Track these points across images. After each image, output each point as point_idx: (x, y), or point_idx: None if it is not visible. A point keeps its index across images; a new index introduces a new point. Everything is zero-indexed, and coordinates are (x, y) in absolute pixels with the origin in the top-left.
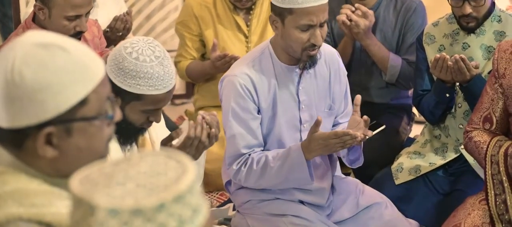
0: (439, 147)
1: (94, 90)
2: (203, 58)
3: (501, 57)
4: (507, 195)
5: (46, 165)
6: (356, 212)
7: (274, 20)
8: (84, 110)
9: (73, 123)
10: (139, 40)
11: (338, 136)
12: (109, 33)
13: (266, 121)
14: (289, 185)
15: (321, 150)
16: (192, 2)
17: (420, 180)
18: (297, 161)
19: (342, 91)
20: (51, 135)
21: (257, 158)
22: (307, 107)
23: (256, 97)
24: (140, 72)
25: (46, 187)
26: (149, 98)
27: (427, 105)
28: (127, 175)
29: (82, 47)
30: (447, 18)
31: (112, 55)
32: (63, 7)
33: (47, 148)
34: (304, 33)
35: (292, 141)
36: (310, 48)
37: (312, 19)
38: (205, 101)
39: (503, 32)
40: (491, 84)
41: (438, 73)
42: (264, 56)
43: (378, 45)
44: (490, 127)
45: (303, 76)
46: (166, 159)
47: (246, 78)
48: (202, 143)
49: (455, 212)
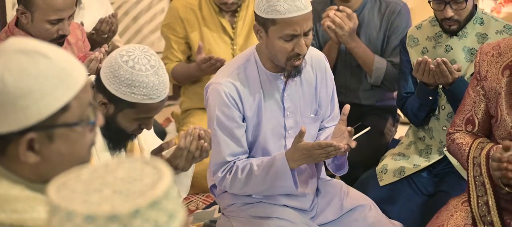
0: (423, 149)
1: (76, 97)
2: (189, 60)
3: (483, 60)
4: (489, 197)
5: (28, 171)
6: (340, 215)
7: (258, 29)
8: (66, 116)
9: (55, 129)
10: (135, 48)
11: (322, 147)
12: (94, 35)
13: (251, 128)
14: (274, 192)
15: (305, 160)
16: (177, 5)
17: (404, 182)
18: (282, 169)
19: (328, 95)
20: (33, 141)
21: (241, 166)
22: (292, 114)
23: (241, 105)
24: (136, 81)
25: (28, 193)
26: (142, 107)
27: (411, 108)
28: (104, 181)
29: (63, 54)
30: (430, 21)
31: (107, 62)
32: (45, 11)
33: (29, 153)
34: (288, 43)
35: (276, 148)
36: (294, 58)
37: (296, 29)
38: (191, 103)
39: (485, 35)
40: (473, 87)
41: (421, 76)
42: (250, 64)
43: (363, 47)
44: (472, 129)
45: (288, 83)
46: (142, 165)
47: (231, 86)
48: (191, 153)
49: (438, 213)
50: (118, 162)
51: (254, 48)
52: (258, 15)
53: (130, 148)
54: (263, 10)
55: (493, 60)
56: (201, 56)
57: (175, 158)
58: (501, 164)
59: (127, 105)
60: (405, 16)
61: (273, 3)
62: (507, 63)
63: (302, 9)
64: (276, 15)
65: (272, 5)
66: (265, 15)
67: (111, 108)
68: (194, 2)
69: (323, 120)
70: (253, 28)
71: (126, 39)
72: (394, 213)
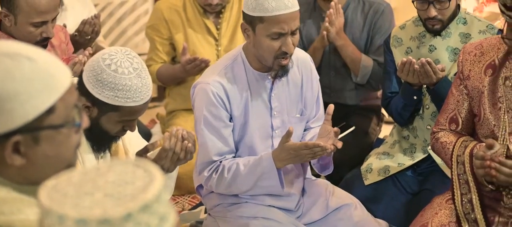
0: (408, 148)
1: (61, 99)
2: (174, 61)
3: (466, 59)
4: (472, 195)
5: (14, 173)
6: (326, 214)
7: (245, 28)
8: (51, 118)
9: (41, 131)
10: (117, 51)
11: (309, 147)
12: (77, 37)
13: (238, 128)
14: (260, 192)
15: (292, 160)
16: (162, 6)
17: (389, 180)
18: (268, 169)
19: (314, 96)
20: (19, 143)
21: (228, 165)
22: (279, 114)
23: (228, 105)
24: (119, 85)
25: (15, 195)
26: (126, 110)
27: (396, 108)
28: (95, 185)
29: (48, 56)
30: (413, 21)
31: (90, 66)
32: (29, 13)
33: (15, 156)
34: (275, 41)
35: (263, 147)
36: (281, 57)
37: (283, 27)
38: (176, 104)
39: (468, 34)
40: (456, 86)
41: (405, 76)
42: (237, 63)
43: (352, 46)
44: (456, 127)
45: (276, 83)
46: (134, 168)
47: (218, 86)
48: (176, 154)
49: (423, 211)
50: (109, 165)
51: (241, 48)
52: (245, 14)
53: (114, 149)
54: (251, 8)
55: (476, 60)
56: (186, 57)
57: (160, 159)
58: (485, 162)
59: (111, 108)
60: (388, 16)
61: (261, 1)
62: (489, 63)
63: (290, 8)
64: (264, 13)
65: (260, 3)
66: (253, 13)
67: (95, 112)
68: (178, 4)
69: (308, 121)
70: (241, 27)
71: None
72: (379, 211)
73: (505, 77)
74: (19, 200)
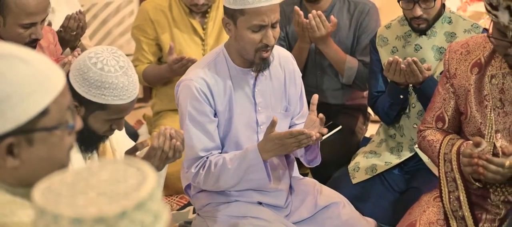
0: (394, 146)
1: (55, 101)
2: (160, 62)
3: (452, 58)
4: (460, 192)
5: (7, 175)
6: (314, 212)
7: (227, 22)
8: (45, 120)
9: (34, 133)
10: (103, 50)
11: (294, 135)
12: (62, 33)
13: (223, 124)
14: (248, 186)
15: (278, 150)
16: (147, 6)
17: (377, 179)
18: (254, 161)
19: (297, 93)
20: (12, 145)
21: (214, 161)
22: (263, 109)
23: (212, 100)
24: (105, 83)
25: (8, 197)
26: (113, 108)
27: (382, 107)
28: (88, 184)
29: (41, 58)
30: (399, 20)
31: (76, 65)
32: (18, 15)
33: (8, 158)
34: (256, 34)
35: (249, 143)
36: (262, 49)
37: (264, 19)
38: (162, 105)
39: (453, 33)
40: (442, 85)
41: (392, 76)
42: (219, 60)
43: (335, 49)
44: (442, 125)
45: (259, 78)
46: (126, 167)
47: (201, 82)
48: (165, 153)
49: (411, 209)
50: (101, 164)
51: (223, 46)
52: (226, 8)
53: (102, 150)
54: (231, 1)
55: (462, 58)
56: (172, 57)
57: (149, 158)
58: (472, 159)
59: (98, 107)
60: (374, 16)
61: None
62: (475, 61)
63: (269, 0)
64: (245, 5)
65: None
66: (234, 6)
67: (82, 111)
68: (164, 4)
69: (293, 117)
70: (222, 22)
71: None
72: (367, 210)
73: (491, 75)
74: (12, 202)
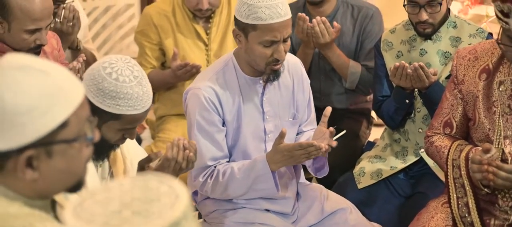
0: (399, 151)
1: (74, 113)
2: (163, 67)
3: (460, 64)
4: (468, 198)
5: (25, 187)
6: (321, 218)
7: (237, 34)
8: (65, 132)
9: (54, 146)
10: (117, 60)
11: (303, 147)
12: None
13: (231, 133)
14: (255, 195)
15: (286, 161)
16: (151, 11)
17: (382, 184)
18: (263, 172)
19: (305, 99)
20: (32, 157)
21: (222, 170)
22: (271, 118)
23: (220, 109)
24: (120, 93)
25: (26, 210)
26: (127, 118)
27: (387, 111)
28: (121, 203)
29: (61, 70)
30: (403, 25)
31: (90, 75)
32: (23, 20)
33: (27, 170)
34: (267, 49)
35: (257, 152)
36: (273, 63)
37: (276, 35)
38: (166, 110)
39: (458, 38)
40: (450, 90)
41: (398, 80)
42: (228, 68)
43: (338, 54)
44: (450, 131)
45: (267, 87)
46: (158, 184)
47: (210, 91)
48: (178, 164)
49: (419, 215)
50: (131, 181)
51: (232, 54)
52: (238, 20)
53: (113, 157)
54: (244, 15)
55: (470, 64)
56: (176, 62)
57: (163, 168)
58: (482, 166)
59: (112, 117)
60: (378, 20)
61: (255, 9)
62: (483, 67)
63: (283, 16)
64: (257, 21)
65: (254, 11)
66: (246, 20)
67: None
68: (167, 9)
69: (300, 124)
70: (232, 33)
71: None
72: (372, 215)
73: (500, 81)
74: (30, 215)
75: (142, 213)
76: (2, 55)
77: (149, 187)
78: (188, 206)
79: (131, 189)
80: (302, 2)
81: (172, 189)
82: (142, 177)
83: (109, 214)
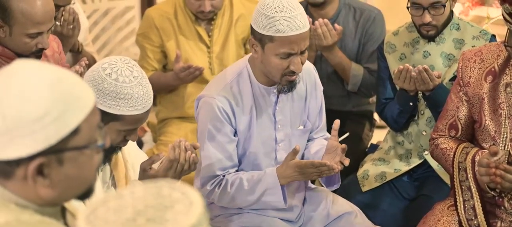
0: (403, 153)
1: (85, 119)
2: (165, 69)
3: (466, 66)
4: (475, 201)
5: (36, 195)
6: (327, 223)
7: (253, 44)
8: (76, 139)
9: (65, 153)
10: (117, 60)
11: (315, 166)
12: (59, 27)
13: (241, 141)
14: (262, 207)
15: (297, 177)
16: (152, 14)
17: (386, 187)
18: (272, 185)
19: (317, 106)
20: (43, 165)
21: (231, 180)
22: (282, 127)
23: (233, 120)
24: (120, 93)
25: (37, 217)
26: (128, 119)
27: (391, 114)
28: (135, 210)
29: (72, 76)
30: (406, 27)
31: (90, 76)
32: (25, 24)
33: (38, 178)
34: (284, 61)
35: (267, 160)
36: (289, 74)
37: (293, 48)
38: (167, 112)
39: (462, 40)
40: (456, 93)
41: (402, 83)
42: (242, 77)
43: (340, 56)
44: (455, 133)
45: (281, 96)
46: (170, 191)
47: (224, 101)
48: (181, 165)
49: (425, 218)
50: (144, 188)
51: (246, 61)
52: (255, 30)
53: (114, 161)
54: (261, 26)
55: (476, 66)
56: (179, 65)
57: (166, 170)
58: (490, 169)
59: (113, 118)
60: (380, 23)
61: (272, 20)
62: (489, 69)
63: (301, 28)
64: (275, 33)
65: (271, 22)
66: (263, 31)
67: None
68: (169, 11)
69: (311, 131)
70: (249, 42)
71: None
72: (377, 218)
73: (506, 84)
74: (41, 222)
75: (157, 220)
76: (3, 59)
77: (162, 194)
78: (203, 213)
79: (144, 196)
80: (304, 4)
81: (186, 196)
82: (154, 184)
83: (123, 222)
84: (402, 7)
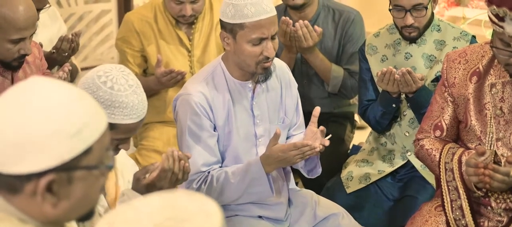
0: (386, 154)
1: (98, 140)
2: (145, 73)
3: (450, 67)
4: (462, 201)
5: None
6: (314, 224)
7: (225, 36)
8: (88, 159)
9: (76, 171)
10: (112, 68)
11: (297, 147)
12: (55, 54)
13: (222, 138)
14: (250, 199)
15: (281, 163)
16: (132, 18)
17: (370, 188)
18: (257, 174)
19: (293, 103)
20: (53, 181)
21: (216, 175)
22: (261, 122)
23: (211, 114)
24: (115, 102)
25: None
26: (122, 128)
27: (373, 116)
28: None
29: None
30: (387, 29)
31: (84, 84)
32: (7, 30)
33: (47, 195)
34: (256, 47)
35: (248, 156)
36: (263, 61)
37: (264, 32)
38: (149, 117)
39: (443, 41)
40: (440, 93)
41: (385, 86)
42: (217, 73)
43: (320, 58)
44: (440, 134)
45: (256, 91)
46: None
47: (200, 96)
48: (175, 175)
49: (412, 219)
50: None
51: (220, 59)
52: (224, 22)
53: None
54: (230, 15)
55: (461, 67)
56: (161, 69)
57: (160, 180)
58: (478, 169)
59: None
60: (359, 24)
61: (240, 8)
62: (474, 70)
63: (269, 12)
64: (244, 19)
65: (240, 10)
66: (233, 20)
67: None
68: (149, 15)
69: (290, 128)
70: (220, 36)
71: None
72: (362, 219)
73: (491, 84)
74: None
75: None
76: None
77: (179, 206)
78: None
79: (161, 208)
80: (283, 6)
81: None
82: (171, 194)
83: None
84: (378, 8)
